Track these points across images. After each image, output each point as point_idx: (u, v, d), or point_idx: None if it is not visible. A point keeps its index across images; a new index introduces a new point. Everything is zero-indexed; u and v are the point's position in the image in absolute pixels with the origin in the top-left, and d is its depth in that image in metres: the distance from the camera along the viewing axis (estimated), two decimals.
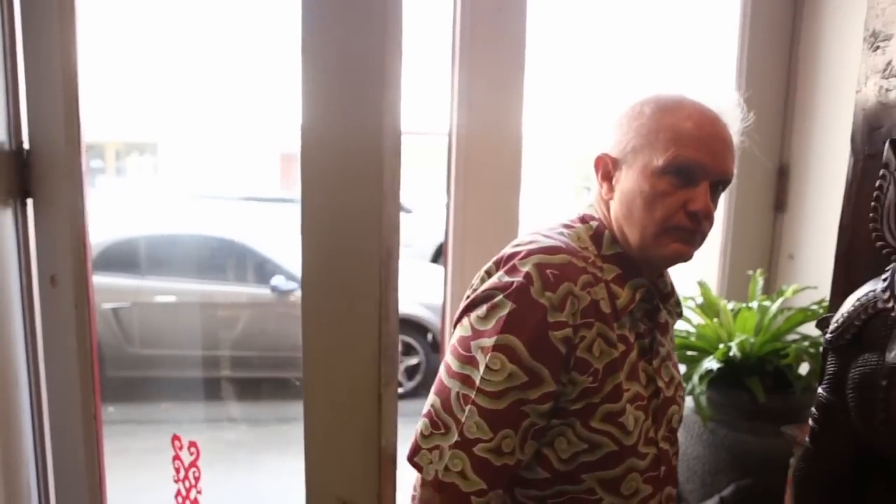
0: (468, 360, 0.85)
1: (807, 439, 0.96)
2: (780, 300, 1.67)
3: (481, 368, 0.83)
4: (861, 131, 0.92)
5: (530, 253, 0.86)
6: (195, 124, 4.19)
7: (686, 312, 1.46)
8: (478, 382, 0.83)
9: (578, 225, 0.96)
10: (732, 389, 1.57)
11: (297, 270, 3.73)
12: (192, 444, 1.46)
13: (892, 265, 0.82)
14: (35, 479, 1.53)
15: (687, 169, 0.86)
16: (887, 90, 0.86)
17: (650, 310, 0.96)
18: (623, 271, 0.92)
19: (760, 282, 1.73)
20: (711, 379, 1.52)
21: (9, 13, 1.26)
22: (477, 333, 0.85)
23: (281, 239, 4.16)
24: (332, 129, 0.73)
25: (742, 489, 1.49)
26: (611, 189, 0.93)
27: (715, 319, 1.66)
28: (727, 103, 0.94)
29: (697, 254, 0.93)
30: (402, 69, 0.69)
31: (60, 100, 1.30)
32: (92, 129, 1.36)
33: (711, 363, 1.49)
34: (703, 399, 1.52)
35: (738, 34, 1.86)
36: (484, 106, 1.58)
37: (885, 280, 0.83)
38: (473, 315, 0.87)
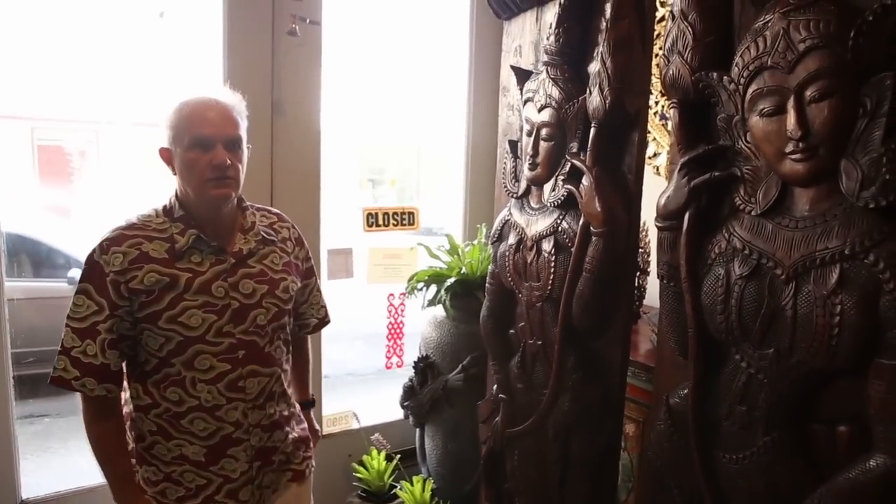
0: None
1: (486, 294, 1.83)
2: None
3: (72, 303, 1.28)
4: (503, 137, 1.81)
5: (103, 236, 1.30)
6: None
7: (440, 254, 2.38)
8: (69, 312, 1.28)
9: (157, 207, 1.36)
10: (468, 298, 2.43)
11: None
12: None
13: (511, 201, 1.71)
14: None
15: (201, 140, 1.26)
16: (508, 116, 1.75)
17: (216, 247, 1.33)
18: (185, 226, 1.31)
19: (484, 230, 2.64)
20: (454, 292, 2.38)
21: None
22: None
23: (71, 231, 4.17)
24: None
25: (473, 358, 2.33)
26: (174, 169, 1.32)
27: (455, 256, 2.54)
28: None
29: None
30: None
31: None
32: None
33: (450, 280, 2.36)
34: (448, 304, 2.38)
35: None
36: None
37: (508, 208, 1.72)
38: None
